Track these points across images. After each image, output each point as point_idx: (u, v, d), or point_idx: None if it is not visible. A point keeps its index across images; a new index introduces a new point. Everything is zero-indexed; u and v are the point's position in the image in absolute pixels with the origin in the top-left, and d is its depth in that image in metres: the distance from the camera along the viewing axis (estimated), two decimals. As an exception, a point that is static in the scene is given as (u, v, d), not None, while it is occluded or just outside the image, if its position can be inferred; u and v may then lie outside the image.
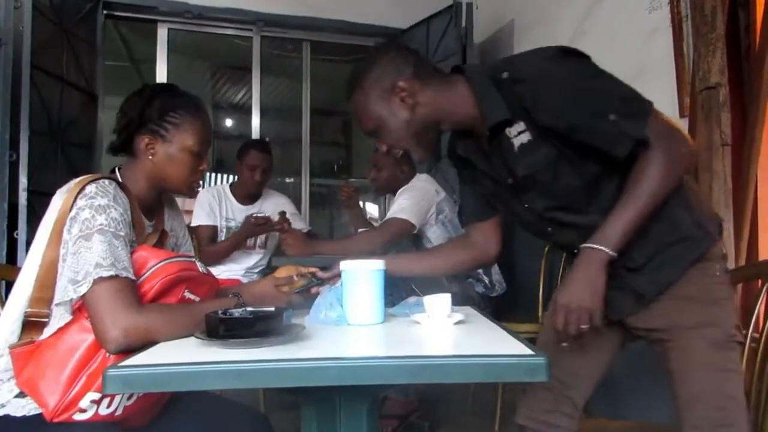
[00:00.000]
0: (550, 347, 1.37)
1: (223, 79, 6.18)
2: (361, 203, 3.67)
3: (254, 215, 2.74)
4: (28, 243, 2.60)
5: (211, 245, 2.76)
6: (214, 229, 2.82)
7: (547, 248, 3.05)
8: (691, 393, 1.18)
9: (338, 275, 1.33)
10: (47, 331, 1.13)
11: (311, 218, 4.17)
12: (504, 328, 1.16)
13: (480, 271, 2.55)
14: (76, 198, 1.13)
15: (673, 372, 1.21)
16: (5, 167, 2.67)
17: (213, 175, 7.41)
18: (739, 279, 1.59)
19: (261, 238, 2.90)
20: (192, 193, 1.38)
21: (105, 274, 1.05)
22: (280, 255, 2.55)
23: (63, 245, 1.11)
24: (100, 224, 1.10)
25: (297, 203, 3.97)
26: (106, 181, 1.16)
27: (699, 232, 1.22)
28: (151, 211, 1.34)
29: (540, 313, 3.00)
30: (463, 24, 3.47)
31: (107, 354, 1.06)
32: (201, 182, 1.39)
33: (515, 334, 1.08)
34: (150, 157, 1.27)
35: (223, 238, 2.83)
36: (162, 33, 3.70)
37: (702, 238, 1.22)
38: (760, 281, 1.41)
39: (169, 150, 1.28)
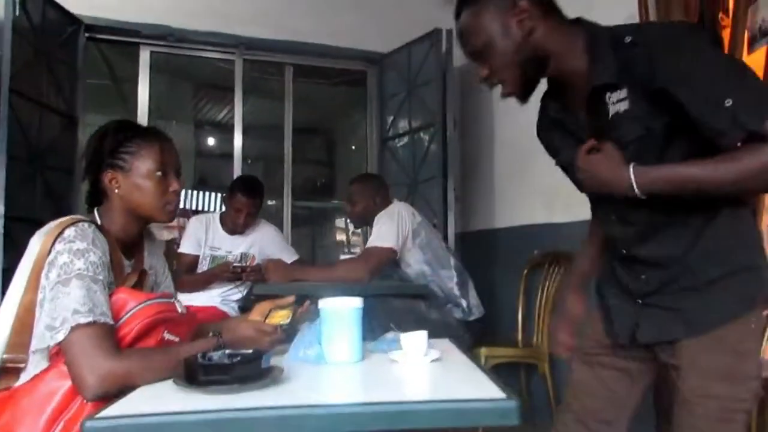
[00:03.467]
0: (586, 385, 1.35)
1: (206, 98, 6.18)
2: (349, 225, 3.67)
3: (233, 264, 2.78)
4: (5, 271, 2.59)
5: (189, 275, 2.78)
6: (195, 259, 2.86)
7: (525, 271, 3.10)
8: None
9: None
10: (23, 377, 1.13)
11: (293, 240, 4.17)
12: (479, 366, 1.18)
13: (458, 294, 2.57)
14: (54, 241, 1.13)
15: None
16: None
17: (194, 192, 7.38)
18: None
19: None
20: (170, 218, 1.37)
21: (83, 320, 1.06)
22: (262, 282, 2.55)
23: (41, 290, 1.12)
24: (79, 269, 1.10)
25: (279, 225, 3.98)
26: (86, 224, 1.17)
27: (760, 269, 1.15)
28: (131, 249, 1.34)
29: (519, 337, 3.03)
30: (444, 49, 3.53)
31: (85, 401, 1.06)
32: (177, 204, 1.35)
33: (489, 373, 1.10)
34: (116, 191, 1.28)
35: (206, 266, 2.85)
36: (144, 55, 3.69)
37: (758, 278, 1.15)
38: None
39: (132, 179, 1.28)
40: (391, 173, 3.89)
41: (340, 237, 6.59)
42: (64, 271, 1.10)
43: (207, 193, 7.58)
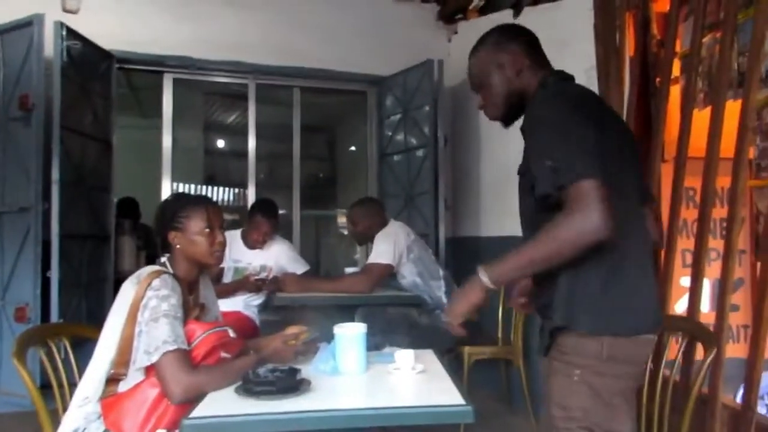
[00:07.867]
0: None
1: (216, 104, 6.59)
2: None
3: (252, 277, 3.21)
4: (61, 282, 3.04)
5: (217, 284, 3.21)
6: (221, 270, 3.29)
7: (506, 278, 3.53)
8: None
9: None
10: (122, 385, 1.58)
11: (300, 242, 4.61)
12: (451, 377, 1.62)
13: (446, 302, 3.02)
14: (145, 290, 1.58)
15: None
16: (39, 215, 3.10)
17: (204, 188, 7.87)
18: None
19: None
20: (218, 262, 1.83)
21: (169, 348, 1.50)
22: (279, 292, 3.00)
23: (137, 325, 1.56)
24: (164, 310, 1.55)
25: (288, 233, 4.43)
26: (167, 276, 1.62)
27: (570, 309, 1.31)
28: (192, 287, 1.79)
29: (499, 335, 3.49)
30: (435, 78, 3.94)
31: (170, 404, 1.51)
32: (222, 251, 1.80)
33: (458, 384, 1.54)
34: (177, 246, 1.73)
35: (230, 276, 3.30)
36: (168, 81, 4.12)
37: (569, 317, 1.31)
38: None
39: (187, 236, 1.72)
40: (389, 185, 4.33)
41: (341, 241, 7.13)
42: (154, 312, 1.54)
43: (214, 188, 8.14)
